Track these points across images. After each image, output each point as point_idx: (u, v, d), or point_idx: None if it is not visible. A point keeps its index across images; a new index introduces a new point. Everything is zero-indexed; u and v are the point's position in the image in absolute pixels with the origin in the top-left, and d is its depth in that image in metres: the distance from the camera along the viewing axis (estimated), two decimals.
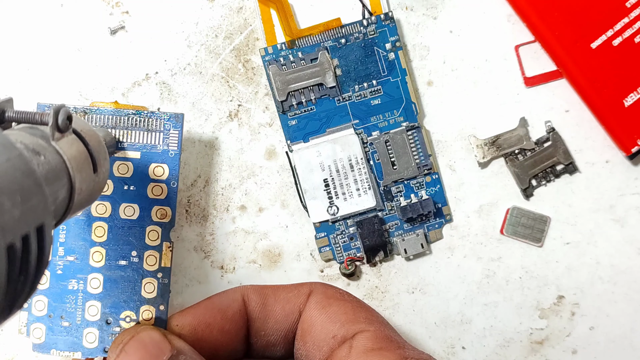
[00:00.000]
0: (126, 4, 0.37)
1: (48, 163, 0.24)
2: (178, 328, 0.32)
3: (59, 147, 0.25)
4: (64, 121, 0.25)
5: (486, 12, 0.37)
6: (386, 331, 0.30)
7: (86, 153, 0.26)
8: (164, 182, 0.33)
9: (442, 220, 0.37)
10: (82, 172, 0.26)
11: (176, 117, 0.33)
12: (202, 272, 0.37)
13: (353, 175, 0.36)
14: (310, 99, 0.36)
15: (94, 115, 0.33)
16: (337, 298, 0.31)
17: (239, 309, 0.32)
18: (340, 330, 0.30)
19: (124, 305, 0.33)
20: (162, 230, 0.33)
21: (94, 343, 0.33)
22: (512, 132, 0.37)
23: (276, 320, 0.32)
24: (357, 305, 0.31)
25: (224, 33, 0.37)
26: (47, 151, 0.24)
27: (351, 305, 0.31)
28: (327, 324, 0.30)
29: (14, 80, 0.37)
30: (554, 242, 0.37)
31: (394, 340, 0.29)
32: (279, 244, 0.37)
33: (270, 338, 0.32)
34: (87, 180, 0.26)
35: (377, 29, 0.36)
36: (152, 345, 0.30)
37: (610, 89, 0.35)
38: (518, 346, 0.36)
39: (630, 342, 0.36)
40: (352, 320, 0.30)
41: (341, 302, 0.31)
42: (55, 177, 0.24)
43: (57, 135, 0.25)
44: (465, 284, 0.37)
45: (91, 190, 0.27)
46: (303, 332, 0.31)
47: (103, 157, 0.28)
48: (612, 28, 0.35)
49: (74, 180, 0.25)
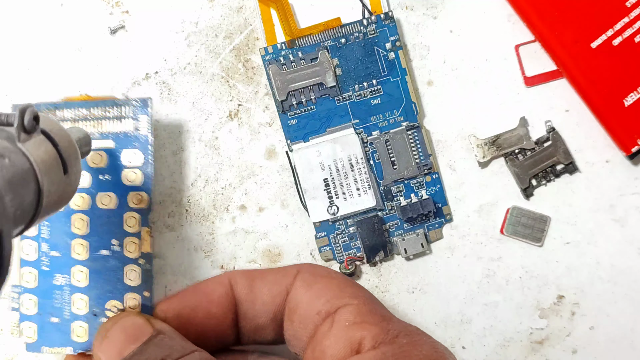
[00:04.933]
0: (126, 4, 0.37)
1: (13, 166, 0.23)
2: (163, 312, 0.32)
3: (25, 149, 0.24)
4: (30, 121, 0.24)
5: (486, 12, 0.37)
6: (371, 305, 0.30)
7: (55, 154, 0.25)
8: (139, 168, 0.33)
9: (442, 220, 0.37)
10: (50, 174, 0.25)
11: (144, 102, 0.33)
12: (202, 272, 0.37)
13: (353, 174, 0.36)
14: (310, 98, 0.36)
15: (65, 110, 0.33)
16: (323, 275, 0.31)
17: (225, 292, 0.32)
18: (325, 306, 0.30)
19: (109, 295, 0.33)
20: (140, 216, 0.33)
21: (84, 337, 0.33)
22: (512, 131, 0.37)
23: (264, 302, 0.31)
24: (344, 282, 0.31)
25: (224, 33, 0.37)
26: (12, 153, 0.23)
27: (337, 281, 0.31)
28: (313, 300, 0.30)
29: (14, 80, 0.37)
30: (554, 242, 0.37)
31: (378, 313, 0.29)
32: (279, 244, 0.37)
33: (259, 321, 0.31)
34: (56, 183, 0.25)
35: (377, 29, 0.36)
36: (133, 329, 0.30)
37: (610, 88, 0.35)
38: (518, 346, 0.36)
39: (630, 342, 0.36)
40: (337, 296, 0.30)
41: (327, 279, 0.31)
42: (21, 181, 0.23)
43: (23, 137, 0.24)
44: (465, 284, 0.37)
45: (62, 192, 0.26)
46: (290, 311, 0.31)
47: (74, 157, 0.27)
48: (612, 28, 0.35)
49: (41, 183, 0.24)
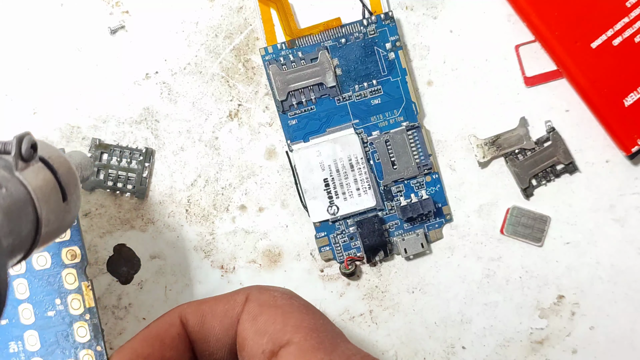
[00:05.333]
0: (126, 4, 0.37)
1: (10, 196, 0.22)
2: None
3: (23, 178, 0.23)
4: (27, 150, 0.24)
5: (486, 12, 0.37)
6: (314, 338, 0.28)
7: (54, 182, 0.25)
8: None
9: (442, 220, 0.37)
10: (49, 202, 0.24)
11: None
12: (202, 272, 0.37)
13: (353, 175, 0.36)
14: (310, 98, 0.36)
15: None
16: (269, 305, 0.29)
17: (177, 333, 0.30)
18: (268, 344, 0.28)
19: (63, 355, 0.33)
20: (76, 271, 0.33)
21: None
22: (512, 131, 0.37)
23: (217, 338, 0.30)
24: (288, 311, 0.29)
25: (224, 33, 0.37)
26: (10, 182, 0.23)
27: (281, 311, 0.29)
28: (257, 338, 0.28)
29: (14, 80, 0.37)
30: (554, 242, 0.37)
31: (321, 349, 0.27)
32: (279, 244, 0.37)
33: (216, 356, 0.30)
34: (55, 211, 0.25)
35: (377, 29, 0.36)
36: None
37: (610, 88, 0.35)
38: (518, 346, 0.36)
39: (630, 342, 0.36)
40: (280, 331, 0.28)
41: (272, 310, 0.29)
42: (18, 211, 0.23)
43: (21, 165, 0.24)
44: (465, 284, 0.37)
45: (61, 220, 0.25)
46: (239, 347, 0.29)
47: (73, 184, 0.26)
48: (612, 28, 0.35)
49: (40, 212, 0.24)
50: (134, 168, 0.36)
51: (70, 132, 0.37)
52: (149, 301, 0.37)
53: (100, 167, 0.36)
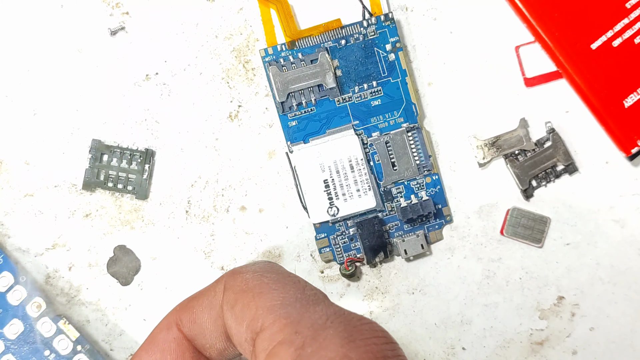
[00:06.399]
0: (126, 5, 0.37)
1: None
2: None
3: None
4: None
5: (486, 13, 0.37)
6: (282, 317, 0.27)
7: None
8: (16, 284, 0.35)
9: (442, 221, 0.37)
10: None
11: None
12: (202, 273, 0.37)
13: (353, 176, 0.36)
14: (311, 99, 0.36)
15: None
16: (242, 290, 0.29)
17: (174, 338, 0.30)
18: (247, 333, 0.28)
19: None
20: (49, 316, 0.35)
21: None
22: (512, 132, 0.37)
23: (210, 331, 0.30)
24: (258, 292, 0.29)
25: (224, 34, 0.37)
26: None
27: (252, 294, 0.29)
28: (238, 327, 0.28)
29: (14, 82, 0.37)
30: (554, 243, 0.37)
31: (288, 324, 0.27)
32: (279, 245, 0.37)
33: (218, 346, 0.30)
34: None
35: (377, 30, 0.36)
36: None
37: (610, 89, 0.35)
38: (518, 347, 0.36)
39: (630, 342, 0.36)
40: (255, 317, 0.28)
41: (244, 295, 0.29)
42: None
43: None
44: (465, 285, 0.37)
45: None
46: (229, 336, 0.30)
47: None
48: (612, 29, 0.35)
49: None
50: (134, 169, 0.36)
51: (70, 133, 0.37)
52: (149, 302, 0.37)
53: (101, 168, 0.36)
